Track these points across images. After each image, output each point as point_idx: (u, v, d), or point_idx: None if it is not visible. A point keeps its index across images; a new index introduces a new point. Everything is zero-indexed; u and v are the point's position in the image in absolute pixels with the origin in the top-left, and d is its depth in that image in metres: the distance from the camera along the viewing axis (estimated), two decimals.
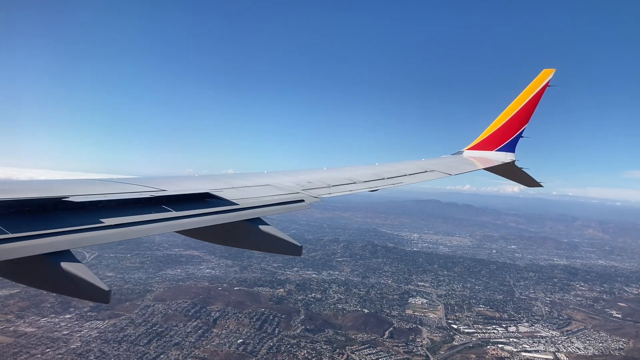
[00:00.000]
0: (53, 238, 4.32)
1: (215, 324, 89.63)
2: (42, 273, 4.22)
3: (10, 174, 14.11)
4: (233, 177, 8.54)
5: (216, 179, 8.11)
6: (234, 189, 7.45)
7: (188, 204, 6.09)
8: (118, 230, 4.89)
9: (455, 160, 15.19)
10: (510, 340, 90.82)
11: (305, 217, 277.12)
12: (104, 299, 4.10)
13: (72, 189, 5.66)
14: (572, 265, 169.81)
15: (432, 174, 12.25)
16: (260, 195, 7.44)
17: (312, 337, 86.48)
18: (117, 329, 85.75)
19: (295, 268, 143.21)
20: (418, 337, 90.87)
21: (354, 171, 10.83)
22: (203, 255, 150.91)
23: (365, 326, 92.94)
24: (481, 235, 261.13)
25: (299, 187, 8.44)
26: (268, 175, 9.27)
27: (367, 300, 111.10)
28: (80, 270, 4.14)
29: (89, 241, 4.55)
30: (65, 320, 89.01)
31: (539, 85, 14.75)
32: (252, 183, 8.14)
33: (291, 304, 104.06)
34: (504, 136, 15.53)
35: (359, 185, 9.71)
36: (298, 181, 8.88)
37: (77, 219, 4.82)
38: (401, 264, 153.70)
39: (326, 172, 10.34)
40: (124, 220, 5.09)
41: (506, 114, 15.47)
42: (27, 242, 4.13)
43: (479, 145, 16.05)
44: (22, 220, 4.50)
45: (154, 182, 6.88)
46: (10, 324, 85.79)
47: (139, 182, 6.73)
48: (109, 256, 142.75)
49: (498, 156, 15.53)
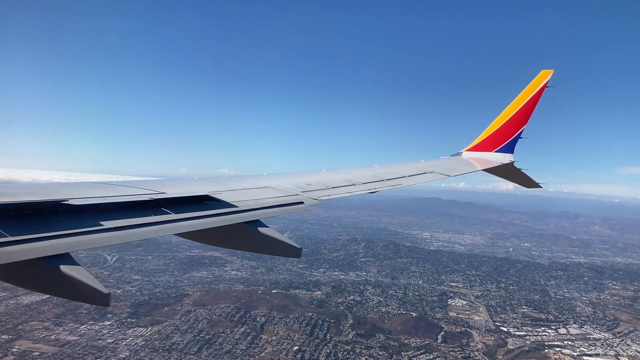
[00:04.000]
0: (52, 241, 4.30)
1: (263, 329, 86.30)
2: (42, 276, 4.21)
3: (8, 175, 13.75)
4: (232, 179, 8.60)
5: (215, 181, 8.11)
6: (233, 191, 7.45)
7: (187, 206, 6.07)
8: (117, 233, 4.86)
9: (454, 162, 15.13)
10: (565, 343, 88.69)
11: (312, 216, 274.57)
12: (104, 301, 4.12)
13: (71, 192, 5.59)
14: (594, 263, 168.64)
15: (431, 176, 12.22)
16: (259, 197, 7.40)
17: (365, 343, 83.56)
18: (163, 336, 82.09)
19: (321, 269, 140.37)
20: (471, 340, 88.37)
21: (353, 173, 10.83)
22: (225, 257, 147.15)
23: (416, 330, 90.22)
24: (491, 234, 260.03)
25: (298, 189, 8.42)
26: (267, 177, 9.24)
27: (406, 302, 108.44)
28: (80, 273, 4.11)
29: (88, 244, 4.52)
30: (105, 328, 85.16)
31: (538, 86, 14.65)
32: (251, 185, 8.14)
33: (333, 307, 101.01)
34: (503, 137, 15.48)
35: (358, 187, 9.71)
36: (297, 183, 8.88)
37: (77, 222, 4.78)
38: (427, 263, 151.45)
39: (325, 174, 10.32)
40: (124, 223, 5.06)
41: (505, 115, 15.39)
42: (27, 245, 4.10)
43: (477, 147, 16.00)
44: (22, 223, 4.45)
45: (153, 184, 6.87)
46: (50, 332, 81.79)
47: (138, 185, 6.65)
48: (130, 258, 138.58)
49: (497, 157, 15.47)
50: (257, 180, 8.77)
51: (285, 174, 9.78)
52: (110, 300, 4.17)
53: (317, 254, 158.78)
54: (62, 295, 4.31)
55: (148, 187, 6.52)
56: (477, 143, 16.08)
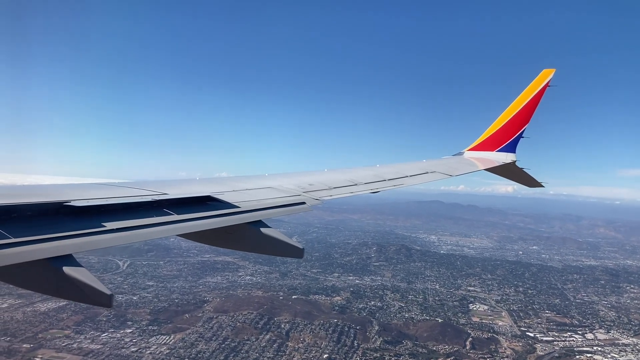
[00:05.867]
0: (55, 242, 4.29)
1: (288, 336, 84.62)
2: (44, 278, 4.20)
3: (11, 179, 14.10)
4: (234, 180, 8.53)
5: (217, 182, 8.08)
6: (235, 191, 7.42)
7: (190, 207, 6.01)
8: (120, 234, 4.85)
9: (456, 161, 15.02)
10: (595, 349, 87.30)
11: (317, 219, 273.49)
12: (107, 302, 4.12)
13: (73, 193, 5.52)
14: (606, 266, 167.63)
15: (433, 175, 12.14)
16: (262, 197, 7.37)
17: (394, 350, 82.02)
18: (187, 344, 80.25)
19: (335, 274, 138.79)
20: (499, 347, 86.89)
21: (355, 173, 10.75)
22: (237, 262, 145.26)
23: (443, 336, 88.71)
24: (498, 236, 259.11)
25: (300, 190, 8.39)
26: (269, 177, 9.21)
27: (427, 307, 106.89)
28: (83, 274, 4.10)
29: (91, 245, 4.52)
30: (127, 336, 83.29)
31: (539, 85, 14.62)
32: (253, 186, 8.10)
33: (355, 313, 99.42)
34: (505, 137, 15.43)
35: (360, 187, 9.66)
36: (299, 183, 8.84)
37: (79, 223, 4.77)
38: (441, 267, 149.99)
39: (327, 174, 10.27)
40: (126, 224, 5.05)
41: (507, 115, 15.35)
42: (30, 246, 4.09)
43: (479, 146, 15.92)
44: (25, 225, 4.43)
45: (156, 185, 6.84)
46: (71, 340, 79.94)
47: (141, 186, 6.59)
48: (142, 264, 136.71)
49: (499, 157, 15.42)
50: (259, 180, 8.75)
51: (287, 174, 9.72)
52: (112, 302, 4.14)
53: (330, 259, 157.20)
54: (65, 296, 4.31)
55: (150, 188, 6.48)
56: (478, 143, 15.99)
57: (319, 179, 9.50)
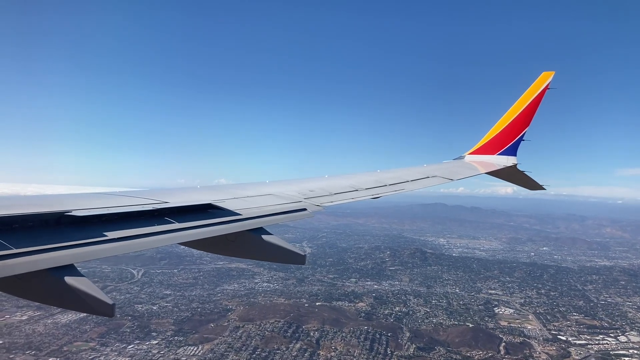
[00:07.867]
0: (57, 253, 4.27)
1: (319, 345, 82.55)
2: (46, 288, 4.17)
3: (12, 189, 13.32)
4: (235, 187, 8.50)
5: (218, 190, 8.04)
6: (236, 199, 7.37)
7: (191, 215, 6.01)
8: (121, 243, 4.83)
9: (457, 165, 14.98)
10: (631, 352, 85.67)
11: (324, 224, 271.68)
12: (109, 312, 4.11)
13: (74, 203, 5.50)
14: (622, 266, 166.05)
15: (434, 180, 12.20)
16: (263, 204, 7.31)
17: (428, 357, 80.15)
18: (217, 355, 78.12)
19: (352, 279, 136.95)
20: (533, 351, 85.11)
21: (356, 178, 10.78)
22: (251, 268, 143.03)
23: (475, 342, 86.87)
24: (506, 238, 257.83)
25: (301, 196, 8.34)
26: (269, 184, 9.19)
27: (453, 312, 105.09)
28: (85, 284, 4.09)
29: (92, 255, 4.49)
30: (154, 347, 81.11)
31: (539, 88, 14.55)
32: (254, 193, 8.04)
33: (382, 319, 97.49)
34: (506, 140, 15.37)
35: (361, 192, 9.65)
36: (300, 190, 8.81)
37: (81, 233, 4.75)
38: (458, 271, 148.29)
39: (328, 180, 10.30)
40: (127, 233, 5.02)
41: (507, 118, 15.27)
42: (31, 257, 4.07)
43: (480, 150, 15.84)
44: (26, 235, 4.42)
45: (156, 194, 6.79)
46: (98, 353, 77.70)
47: (141, 195, 6.56)
48: (156, 272, 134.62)
49: (500, 160, 15.35)
50: (260, 187, 8.71)
51: (288, 181, 9.71)
52: (114, 311, 4.12)
53: (344, 264, 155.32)
54: (67, 306, 4.28)
55: (151, 197, 6.43)
56: (479, 146, 15.91)
57: (320, 185, 9.51)
